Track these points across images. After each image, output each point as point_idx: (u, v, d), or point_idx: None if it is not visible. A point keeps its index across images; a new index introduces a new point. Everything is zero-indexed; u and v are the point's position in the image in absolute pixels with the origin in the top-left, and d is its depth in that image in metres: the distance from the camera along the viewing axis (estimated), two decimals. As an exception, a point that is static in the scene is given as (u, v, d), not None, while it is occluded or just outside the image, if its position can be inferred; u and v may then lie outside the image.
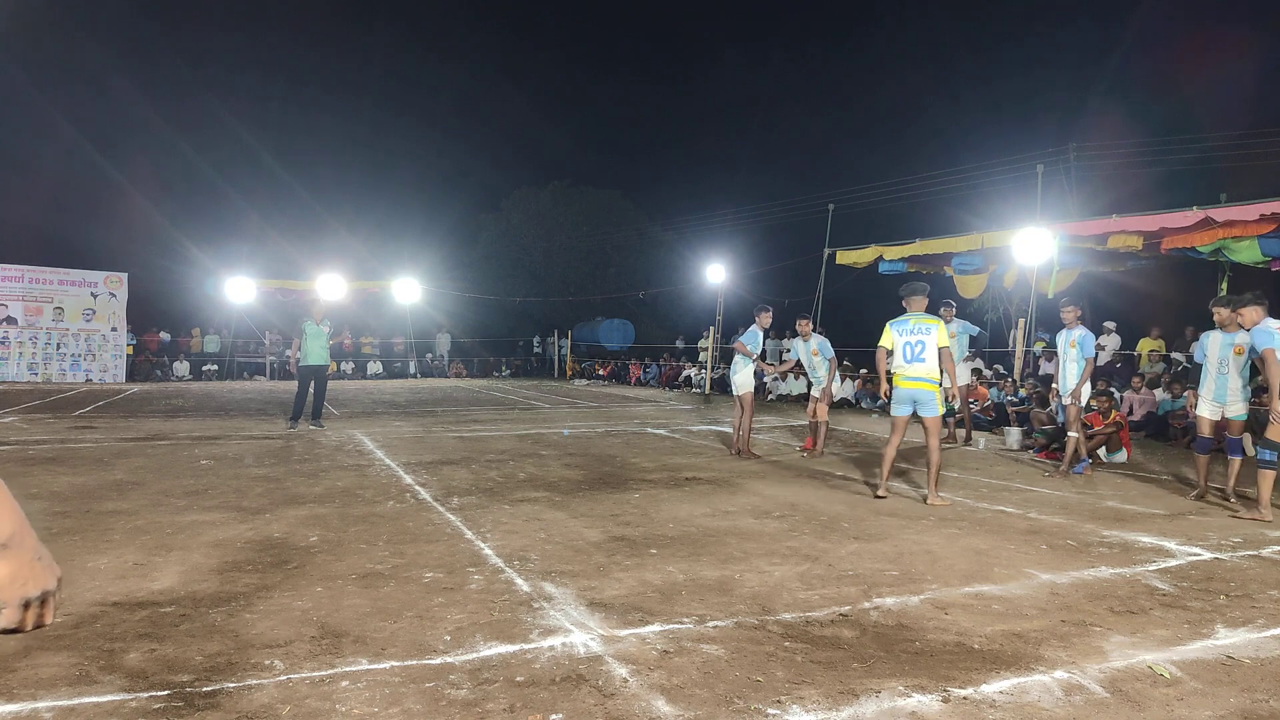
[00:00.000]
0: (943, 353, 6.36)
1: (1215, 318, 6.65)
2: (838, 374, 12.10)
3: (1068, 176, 16.85)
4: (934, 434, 6.33)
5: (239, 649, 3.11)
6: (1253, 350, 6.31)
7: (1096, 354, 8.02)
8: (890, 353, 6.62)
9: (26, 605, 1.17)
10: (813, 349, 9.36)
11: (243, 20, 51.76)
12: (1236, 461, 6.62)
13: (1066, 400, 7.98)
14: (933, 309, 7.04)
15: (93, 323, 21.41)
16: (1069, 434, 7.96)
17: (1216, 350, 6.62)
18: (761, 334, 9.33)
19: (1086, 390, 8.06)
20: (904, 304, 6.74)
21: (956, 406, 9.28)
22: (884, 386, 6.67)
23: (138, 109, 37.98)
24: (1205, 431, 6.69)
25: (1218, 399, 6.60)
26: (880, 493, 6.41)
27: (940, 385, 6.45)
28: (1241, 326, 6.34)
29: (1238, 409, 6.55)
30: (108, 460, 7.81)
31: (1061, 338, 8.11)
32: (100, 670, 2.90)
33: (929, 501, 6.22)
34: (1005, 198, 18.00)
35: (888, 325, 6.64)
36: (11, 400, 14.72)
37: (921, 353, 6.36)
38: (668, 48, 65.09)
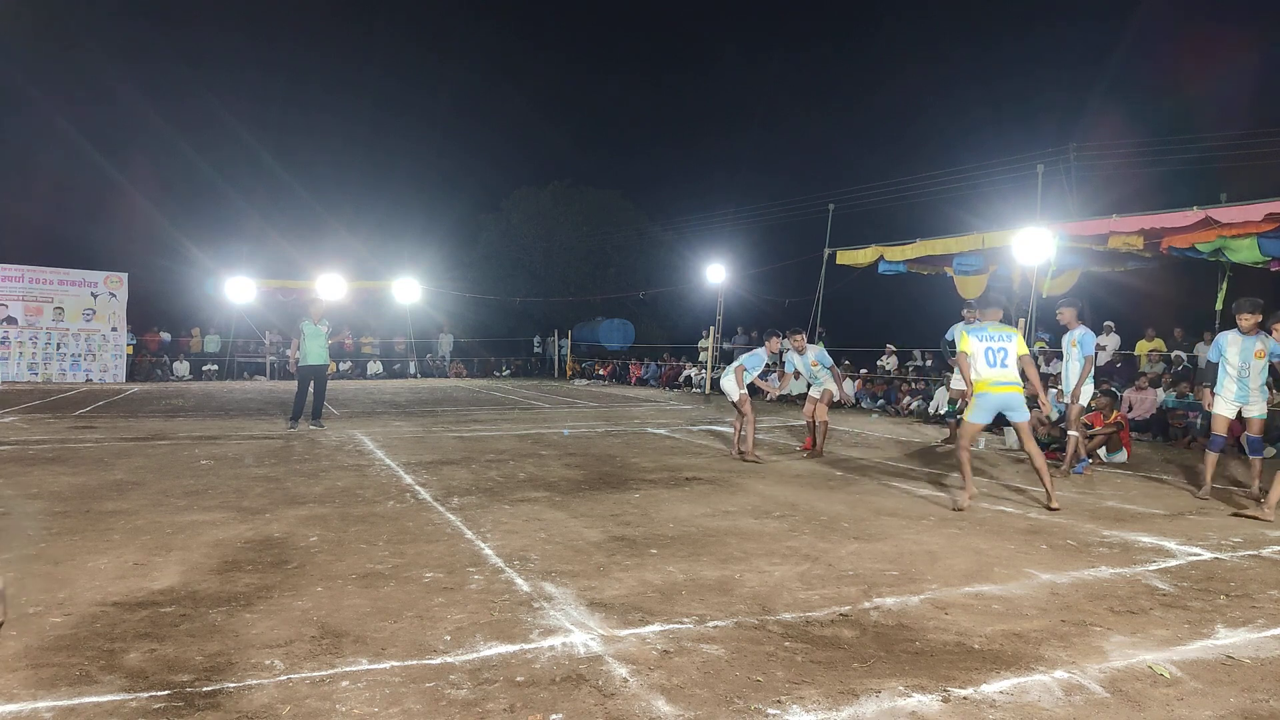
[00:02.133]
0: (1024, 360, 6.40)
1: (1239, 322, 6.66)
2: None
3: (1068, 176, 16.84)
4: (1030, 437, 6.39)
5: (239, 649, 3.12)
6: (1274, 355, 6.45)
7: (1096, 353, 8.04)
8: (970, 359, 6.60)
9: None
10: (811, 361, 9.33)
11: (243, 20, 51.75)
12: (1258, 460, 6.75)
13: (1067, 400, 8.01)
14: (945, 311, 7.25)
15: (93, 323, 21.41)
16: (1069, 433, 7.96)
17: (1237, 353, 6.66)
18: (768, 359, 9.19)
19: (1089, 390, 8.07)
20: (977, 316, 6.83)
21: (1049, 414, 9.25)
22: (969, 392, 6.53)
23: (138, 109, 37.97)
24: (1221, 430, 6.77)
25: (1239, 399, 6.67)
26: (965, 503, 6.13)
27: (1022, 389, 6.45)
28: (1271, 336, 6.43)
29: (1260, 409, 6.64)
30: (108, 460, 7.81)
31: (1065, 338, 8.15)
32: (100, 670, 2.90)
33: (1052, 506, 6.10)
34: (1005, 198, 18.00)
35: (965, 333, 6.58)
36: (11, 400, 14.72)
37: (1005, 359, 6.38)
38: (668, 48, 65.09)
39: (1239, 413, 6.72)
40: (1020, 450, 9.70)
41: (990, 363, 6.39)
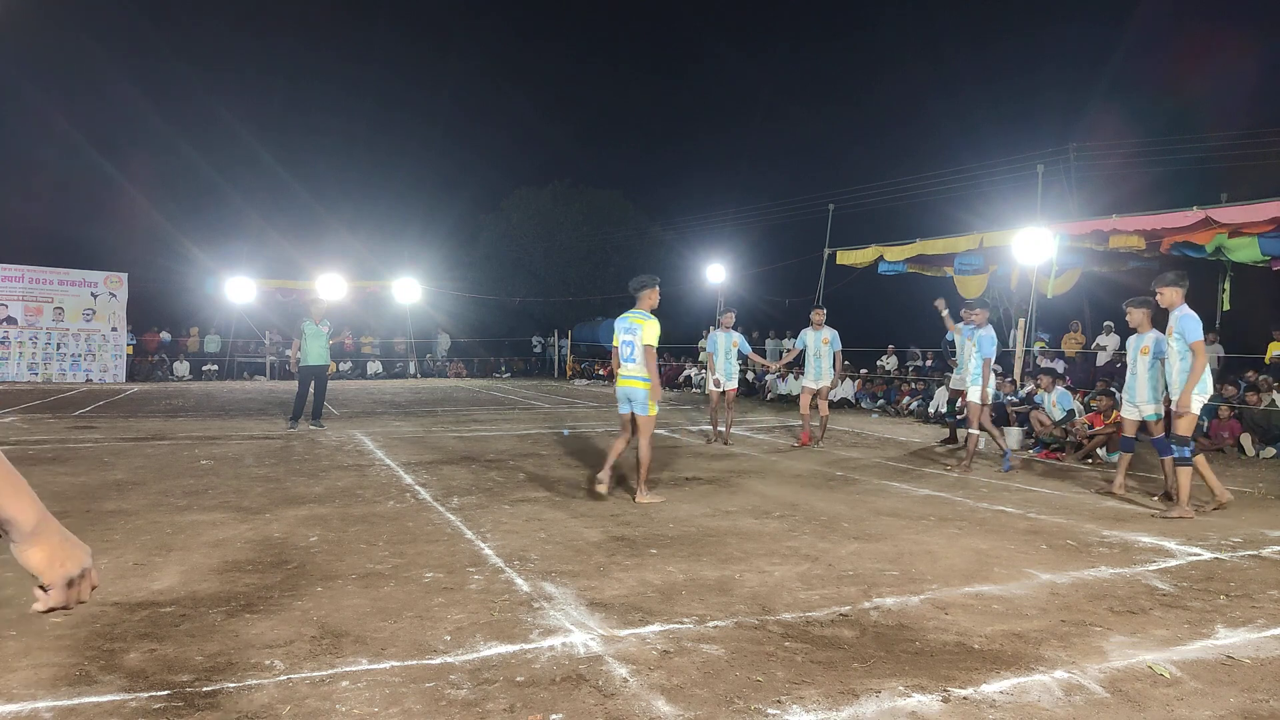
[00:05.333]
0: (645, 351, 6.13)
1: (1128, 319, 6.68)
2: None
3: (1068, 176, 16.83)
4: (645, 433, 6.21)
5: (239, 649, 3.11)
6: (1158, 353, 6.36)
7: (995, 354, 8.15)
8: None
9: (69, 583, 1.23)
10: (824, 338, 9.52)
11: (243, 19, 51.72)
12: (1167, 461, 6.42)
13: (971, 395, 8.12)
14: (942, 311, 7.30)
15: (93, 323, 21.40)
16: (970, 432, 8.05)
17: (1131, 351, 6.73)
18: (722, 335, 9.74)
19: (989, 389, 8.10)
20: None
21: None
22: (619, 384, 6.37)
23: (138, 108, 37.94)
24: (1128, 431, 6.71)
25: (1130, 399, 6.68)
26: (599, 488, 6.18)
27: (649, 383, 6.16)
28: (1158, 331, 6.39)
29: (1150, 409, 6.50)
30: (108, 460, 7.81)
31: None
32: (100, 670, 2.90)
33: (637, 500, 6.10)
34: (1005, 198, 17.98)
35: (616, 323, 6.45)
36: (11, 400, 14.72)
37: (632, 354, 6.24)
38: (668, 47, 65.07)
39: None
40: (1017, 451, 9.71)
41: (624, 356, 6.32)
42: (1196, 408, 5.90)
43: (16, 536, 1.19)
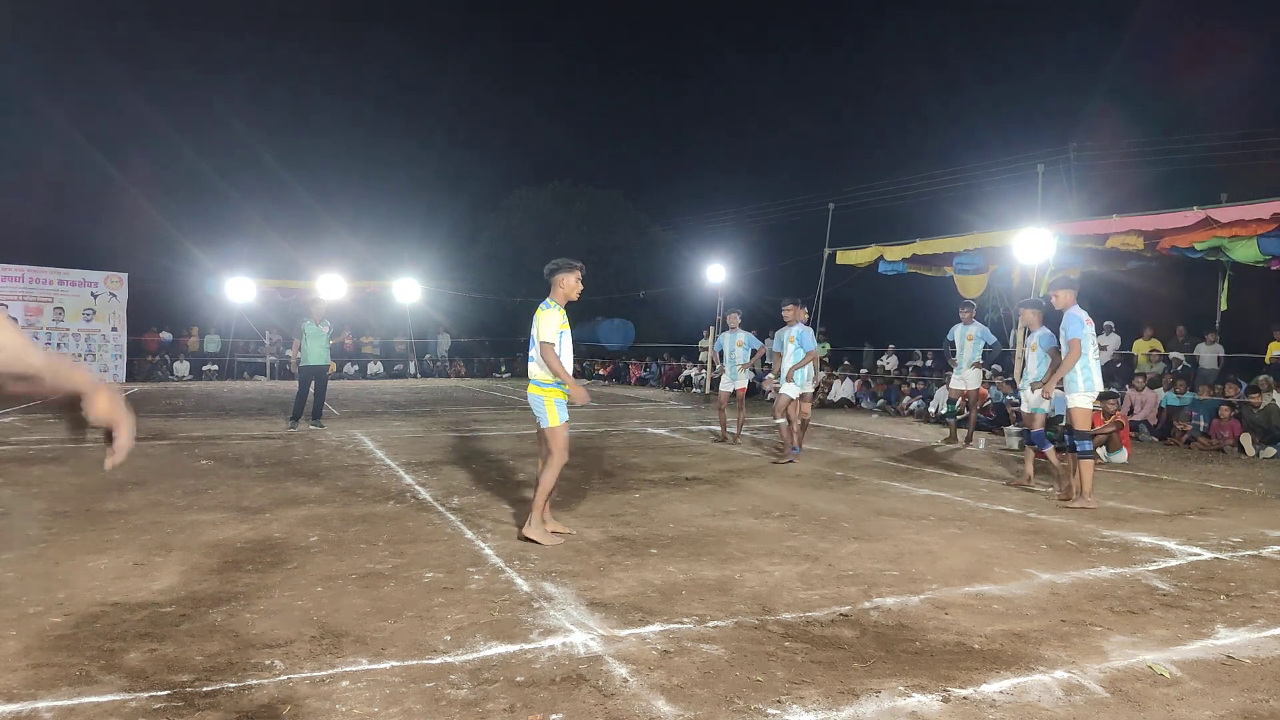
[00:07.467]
0: (542, 348, 4.93)
1: (1020, 319, 7.15)
2: (820, 369, 12.26)
3: (1068, 176, 16.84)
4: (550, 448, 4.93)
5: (239, 649, 3.12)
6: (1043, 344, 6.78)
7: (816, 347, 8.67)
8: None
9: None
10: (789, 336, 8.97)
11: (244, 20, 51.74)
12: (1031, 450, 7.04)
13: (791, 389, 8.53)
14: (945, 311, 7.37)
15: (93, 323, 21.41)
16: (777, 421, 8.56)
17: (1038, 348, 7.08)
18: (728, 336, 10.08)
19: (795, 381, 8.48)
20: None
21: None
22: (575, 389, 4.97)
23: (138, 109, 37.91)
24: (1036, 425, 7.11)
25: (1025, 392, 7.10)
26: (534, 532, 4.89)
27: (548, 387, 4.95)
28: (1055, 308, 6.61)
29: (1032, 401, 6.94)
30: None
31: (784, 333, 8.64)
32: (100, 670, 2.90)
33: (522, 532, 4.89)
34: (1005, 198, 17.99)
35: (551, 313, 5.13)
36: (12, 400, 14.70)
37: (530, 350, 5.08)
38: (669, 47, 65.06)
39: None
40: (1018, 450, 9.71)
41: (529, 355, 5.12)
42: (1085, 403, 6.27)
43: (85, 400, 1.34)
